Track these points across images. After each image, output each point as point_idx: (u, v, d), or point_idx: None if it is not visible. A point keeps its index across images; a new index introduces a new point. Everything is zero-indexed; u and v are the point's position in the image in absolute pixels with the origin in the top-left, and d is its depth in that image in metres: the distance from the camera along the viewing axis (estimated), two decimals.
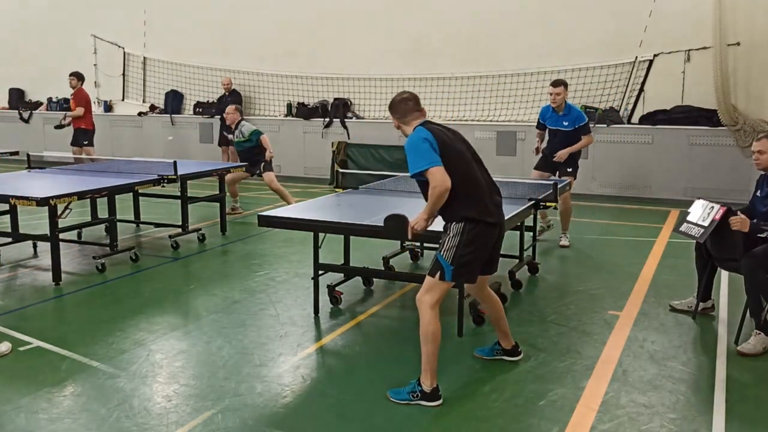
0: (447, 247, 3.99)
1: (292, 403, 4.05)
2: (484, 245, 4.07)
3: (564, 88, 7.58)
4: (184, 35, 14.59)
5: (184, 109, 14.97)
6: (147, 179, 7.29)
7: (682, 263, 6.77)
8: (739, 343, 4.83)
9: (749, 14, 10.46)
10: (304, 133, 13.42)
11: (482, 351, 4.67)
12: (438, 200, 3.93)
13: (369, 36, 13.00)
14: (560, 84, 7.58)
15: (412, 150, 3.97)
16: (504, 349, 4.60)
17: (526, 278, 6.48)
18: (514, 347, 4.61)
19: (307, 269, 6.11)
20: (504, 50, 11.99)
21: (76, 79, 11.53)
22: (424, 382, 3.99)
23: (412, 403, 3.97)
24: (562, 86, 7.56)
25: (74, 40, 15.57)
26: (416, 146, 3.96)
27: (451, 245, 3.99)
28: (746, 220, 4.83)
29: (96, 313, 5.62)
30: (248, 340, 4.99)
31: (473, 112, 12.23)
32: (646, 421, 3.79)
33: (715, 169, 10.59)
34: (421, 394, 3.98)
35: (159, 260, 7.25)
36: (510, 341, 4.60)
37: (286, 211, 5.61)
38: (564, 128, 7.58)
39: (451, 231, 4.02)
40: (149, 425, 3.74)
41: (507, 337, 4.59)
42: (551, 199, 5.84)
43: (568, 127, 7.57)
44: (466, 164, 4.07)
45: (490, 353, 4.63)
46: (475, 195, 4.03)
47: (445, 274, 3.98)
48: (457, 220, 4.01)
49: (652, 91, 11.21)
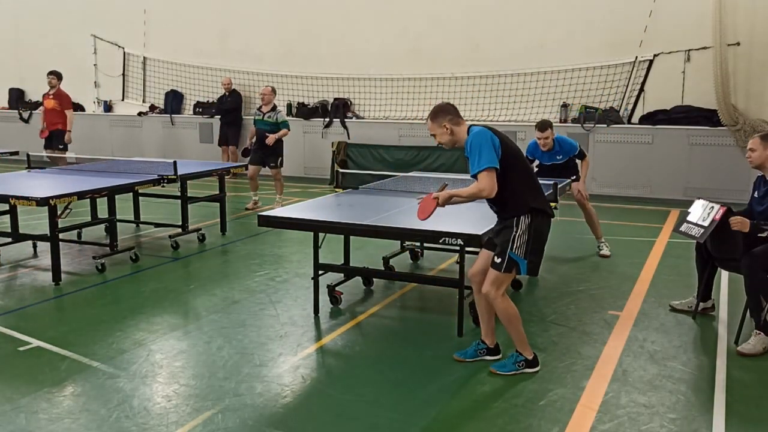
0: (518, 244, 4.16)
1: (292, 403, 4.05)
2: (546, 235, 4.34)
3: (551, 130, 7.25)
4: (184, 35, 14.60)
5: (184, 109, 14.97)
6: (147, 179, 7.29)
7: (682, 263, 6.78)
8: (739, 343, 4.83)
9: (749, 14, 10.46)
10: (304, 133, 13.42)
11: (463, 354, 4.61)
12: (472, 198, 4.25)
13: (369, 36, 12.99)
14: (547, 127, 7.23)
15: (478, 148, 4.09)
16: (488, 347, 4.59)
17: (526, 278, 6.48)
18: (497, 346, 4.61)
19: (307, 269, 6.12)
20: (504, 50, 11.99)
21: (56, 78, 10.96)
22: (524, 352, 4.40)
23: (518, 373, 4.35)
24: (549, 129, 7.22)
25: (74, 40, 15.58)
26: (482, 145, 4.10)
27: (522, 241, 4.17)
28: (746, 221, 4.83)
29: (96, 313, 5.62)
30: (248, 340, 4.99)
31: (473, 112, 12.23)
32: (646, 421, 3.79)
33: (715, 169, 10.59)
34: (525, 362, 4.39)
35: (159, 260, 7.25)
36: (494, 339, 4.61)
37: (286, 211, 5.60)
38: (558, 161, 7.41)
39: (519, 226, 4.17)
40: (149, 425, 3.74)
41: (492, 334, 4.59)
42: (551, 199, 5.83)
43: (562, 159, 7.39)
44: (524, 160, 4.40)
45: (473, 354, 4.59)
46: (536, 187, 4.31)
47: (521, 268, 4.22)
48: (525, 213, 4.17)
49: (652, 91, 11.21)
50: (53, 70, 11.05)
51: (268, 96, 9.97)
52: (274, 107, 9.97)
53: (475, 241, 4.63)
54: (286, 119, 10.02)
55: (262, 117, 9.92)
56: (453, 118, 4.27)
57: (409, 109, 12.82)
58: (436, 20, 12.50)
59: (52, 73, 10.97)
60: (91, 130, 14.89)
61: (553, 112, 11.80)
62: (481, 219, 5.01)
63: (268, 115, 9.86)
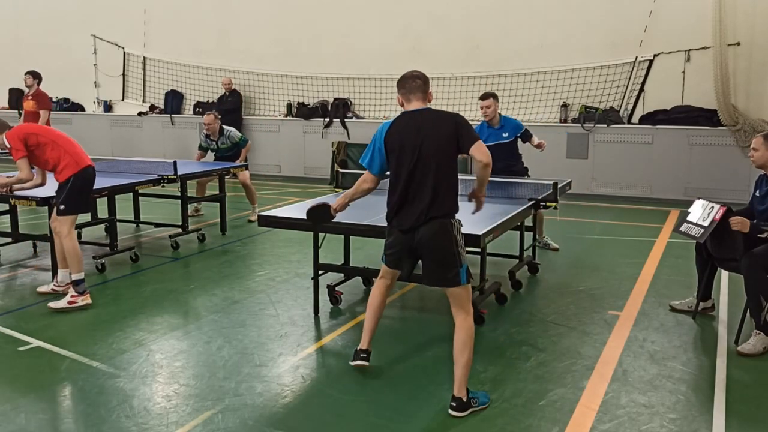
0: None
1: (292, 403, 4.05)
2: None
3: (494, 99, 7.20)
4: (184, 35, 14.59)
5: (184, 109, 14.97)
6: (147, 179, 7.30)
7: (682, 263, 6.78)
8: (739, 343, 4.83)
9: (749, 14, 10.46)
10: (304, 133, 13.42)
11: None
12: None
13: (369, 36, 12.99)
14: (489, 96, 7.19)
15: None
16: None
17: (526, 278, 6.48)
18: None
19: (307, 269, 6.11)
20: (504, 50, 12.00)
21: (33, 78, 10.28)
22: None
23: None
24: (491, 98, 7.17)
25: (74, 40, 15.57)
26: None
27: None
28: (746, 221, 4.83)
29: (96, 313, 5.62)
30: (248, 340, 4.99)
31: (473, 112, 12.19)
32: (646, 421, 3.79)
33: (715, 169, 10.59)
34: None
35: (159, 260, 7.25)
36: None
37: (286, 211, 5.61)
38: (504, 140, 7.23)
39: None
40: (149, 425, 3.74)
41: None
42: (551, 199, 5.83)
43: (508, 138, 7.23)
44: (394, 158, 4.14)
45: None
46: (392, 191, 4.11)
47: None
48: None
49: (652, 91, 11.21)
50: (30, 70, 10.44)
51: (212, 125, 9.15)
52: (222, 130, 9.24)
53: (474, 241, 4.63)
54: (240, 135, 9.44)
55: (216, 146, 9.29)
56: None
57: None
58: (436, 20, 12.50)
59: (28, 73, 10.33)
60: (91, 130, 14.89)
61: (553, 112, 11.80)
62: (482, 219, 5.01)
63: (221, 141, 9.24)
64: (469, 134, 3.96)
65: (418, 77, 4.07)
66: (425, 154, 3.92)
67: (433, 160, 3.91)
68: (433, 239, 3.92)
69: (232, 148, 9.34)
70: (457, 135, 3.93)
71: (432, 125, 3.97)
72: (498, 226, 4.95)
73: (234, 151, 9.38)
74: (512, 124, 7.32)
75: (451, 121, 3.99)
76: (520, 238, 6.43)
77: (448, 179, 3.96)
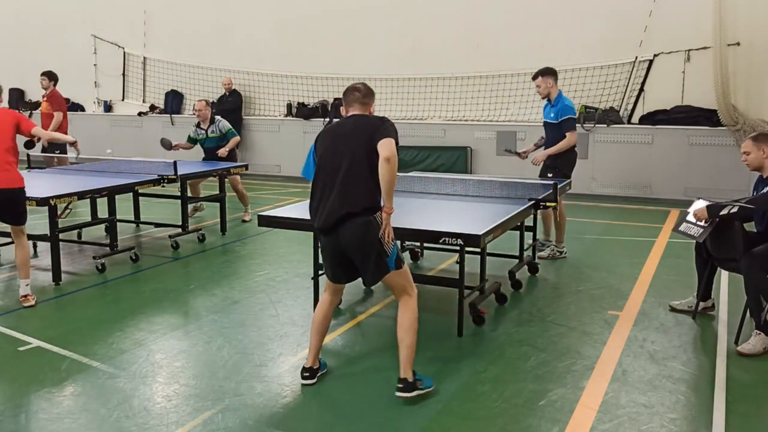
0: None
1: (292, 403, 4.05)
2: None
3: (542, 78, 6.97)
4: (184, 35, 14.60)
5: (184, 109, 14.97)
6: (147, 179, 7.30)
7: (682, 263, 6.78)
8: (739, 343, 4.83)
9: (749, 14, 10.45)
10: (304, 133, 13.41)
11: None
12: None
13: (369, 36, 12.99)
14: (536, 75, 7.02)
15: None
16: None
17: (526, 278, 6.48)
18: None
19: (307, 269, 6.12)
20: (503, 50, 11.99)
21: (48, 80, 10.29)
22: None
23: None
24: (539, 77, 6.99)
25: (74, 40, 15.58)
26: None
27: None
28: (704, 208, 4.95)
29: (96, 313, 5.62)
30: (248, 340, 4.99)
31: (473, 112, 12.23)
32: (646, 421, 3.79)
33: (715, 169, 10.58)
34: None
35: (159, 260, 7.25)
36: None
37: (286, 211, 5.61)
38: (551, 120, 7.09)
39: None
40: (149, 425, 3.74)
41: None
42: (551, 198, 5.83)
43: (554, 119, 7.04)
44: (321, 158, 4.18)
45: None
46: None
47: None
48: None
49: (652, 91, 11.20)
50: (46, 71, 10.46)
51: (204, 111, 9.01)
52: (213, 119, 9.11)
53: (474, 241, 4.63)
54: (230, 127, 9.23)
55: (205, 135, 9.12)
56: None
57: (408, 109, 12.82)
58: (436, 20, 12.50)
59: (44, 74, 10.39)
60: (91, 130, 14.88)
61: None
62: (482, 219, 5.02)
63: (210, 130, 9.08)
64: (384, 131, 3.93)
65: (357, 90, 4.14)
66: (340, 153, 3.98)
67: (345, 159, 3.95)
68: (354, 235, 3.95)
69: (221, 139, 9.13)
70: (375, 134, 3.93)
71: (352, 129, 4.04)
72: (498, 226, 4.95)
73: (221, 142, 9.12)
74: (560, 106, 6.98)
75: (376, 122, 4.01)
76: (520, 238, 6.43)
77: (363, 176, 3.94)
